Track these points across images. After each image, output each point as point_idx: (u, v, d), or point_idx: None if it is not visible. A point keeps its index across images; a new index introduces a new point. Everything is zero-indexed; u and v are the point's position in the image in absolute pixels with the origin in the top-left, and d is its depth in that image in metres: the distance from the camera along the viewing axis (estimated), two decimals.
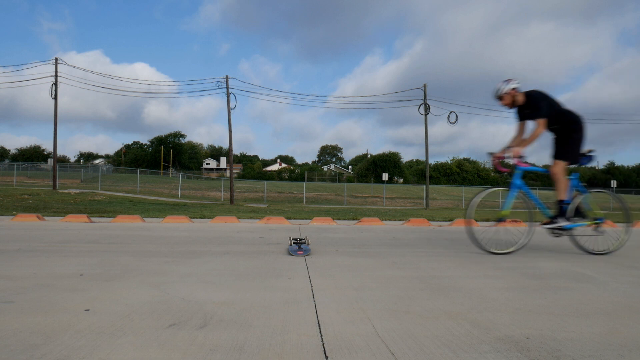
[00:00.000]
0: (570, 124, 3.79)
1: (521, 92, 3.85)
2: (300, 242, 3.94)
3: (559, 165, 3.73)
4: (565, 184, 3.74)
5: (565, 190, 3.74)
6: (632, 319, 1.81)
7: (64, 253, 3.41)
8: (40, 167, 52.80)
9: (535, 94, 3.79)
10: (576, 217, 3.85)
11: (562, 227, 3.78)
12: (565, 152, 3.78)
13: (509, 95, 3.84)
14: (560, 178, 3.72)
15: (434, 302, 2.04)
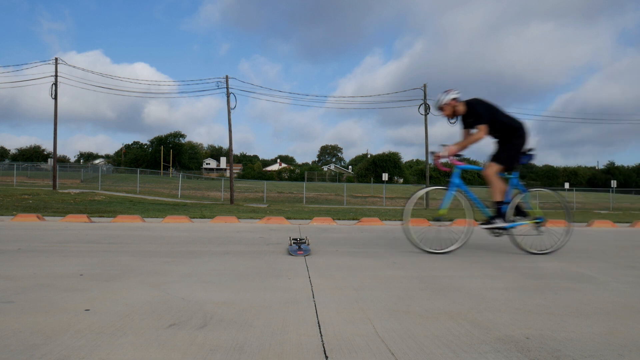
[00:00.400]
0: (511, 130, 3.81)
1: (462, 102, 3.88)
2: (300, 242, 3.94)
3: (492, 168, 3.75)
4: (499, 186, 3.75)
5: (500, 192, 3.75)
6: (632, 319, 1.81)
7: (64, 253, 3.41)
8: (40, 167, 52.81)
9: (475, 103, 3.83)
10: (517, 217, 3.85)
11: (501, 227, 3.78)
12: (502, 156, 3.80)
13: (449, 106, 3.87)
14: (493, 180, 3.74)
15: (434, 302, 2.04)
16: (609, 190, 38.33)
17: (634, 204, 34.74)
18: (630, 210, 28.42)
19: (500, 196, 3.76)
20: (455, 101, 3.86)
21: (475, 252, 3.98)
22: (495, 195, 3.77)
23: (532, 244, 3.90)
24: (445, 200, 3.87)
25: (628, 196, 45.14)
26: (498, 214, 3.78)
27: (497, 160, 3.79)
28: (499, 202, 3.77)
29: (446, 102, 3.87)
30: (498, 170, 3.76)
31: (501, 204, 3.77)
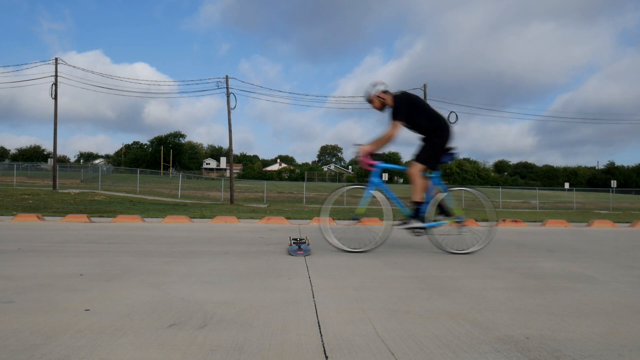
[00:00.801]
0: (433, 129, 3.76)
1: (390, 95, 3.82)
2: (300, 242, 3.94)
3: (415, 167, 3.70)
4: (420, 186, 3.69)
5: (419, 192, 3.70)
6: (632, 319, 1.81)
7: (64, 253, 3.41)
8: (40, 167, 52.81)
9: (399, 97, 3.78)
10: (439, 216, 3.81)
11: (419, 227, 3.73)
12: (423, 155, 3.75)
13: (378, 99, 3.83)
14: (415, 180, 3.69)
15: (434, 302, 2.04)
16: (609, 190, 38.36)
17: (634, 204, 34.74)
18: (630, 210, 28.43)
19: (419, 196, 3.70)
20: (384, 94, 3.82)
21: (476, 252, 3.98)
22: (415, 195, 3.71)
23: (453, 244, 3.85)
24: (364, 199, 3.84)
25: (628, 196, 45.15)
26: (416, 214, 3.72)
27: (419, 159, 3.73)
28: (417, 202, 3.71)
29: (374, 94, 3.82)
30: (421, 169, 3.71)
31: (420, 204, 3.72)
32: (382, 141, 3.71)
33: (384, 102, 3.82)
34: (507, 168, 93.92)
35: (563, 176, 72.45)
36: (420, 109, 3.77)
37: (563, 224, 8.62)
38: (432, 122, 3.77)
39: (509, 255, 3.80)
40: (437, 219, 3.80)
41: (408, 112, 3.70)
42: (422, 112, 3.76)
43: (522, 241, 5.12)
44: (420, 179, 3.70)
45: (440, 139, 3.76)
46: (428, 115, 3.77)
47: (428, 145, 3.77)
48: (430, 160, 3.75)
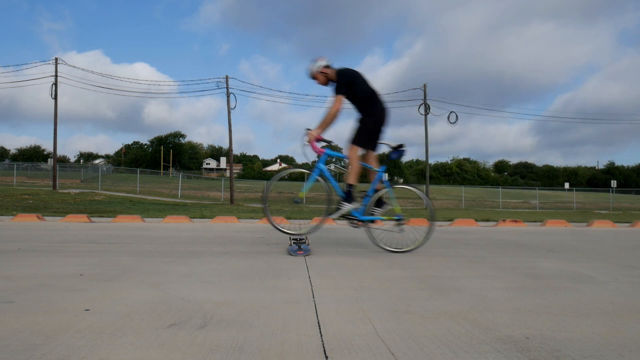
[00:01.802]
0: (368, 108, 3.73)
1: (333, 69, 3.79)
2: (300, 242, 3.94)
3: (353, 151, 3.67)
4: (356, 169, 3.64)
5: (354, 176, 3.65)
6: (632, 319, 1.81)
7: (64, 253, 3.41)
8: (40, 167, 52.80)
9: (341, 70, 3.75)
10: (378, 210, 3.79)
11: (358, 219, 3.69)
12: (356, 137, 3.70)
13: (321, 74, 3.81)
14: (353, 163, 3.65)
15: (434, 302, 2.04)
16: (609, 190, 38.36)
17: (634, 204, 34.74)
18: (630, 210, 28.44)
19: (353, 179, 3.65)
20: (327, 68, 3.80)
21: (475, 251, 3.98)
22: (349, 178, 3.66)
23: (390, 241, 3.84)
24: (307, 184, 3.82)
25: (628, 196, 45.15)
26: (347, 195, 3.67)
27: (355, 141, 3.69)
28: (351, 184, 3.66)
29: (317, 70, 3.81)
30: (357, 152, 3.67)
31: (352, 187, 3.66)
32: (327, 119, 3.64)
33: (328, 77, 3.81)
34: (507, 168, 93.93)
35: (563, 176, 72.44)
36: (361, 84, 3.74)
37: (563, 224, 8.62)
38: (369, 100, 3.74)
39: (509, 255, 3.80)
40: (375, 213, 3.78)
41: (349, 86, 3.68)
42: (362, 88, 3.73)
43: (522, 241, 5.12)
44: (357, 162, 3.66)
45: (374, 117, 3.72)
46: (367, 92, 3.74)
47: (362, 126, 3.75)
48: (365, 140, 3.71)
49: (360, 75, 3.79)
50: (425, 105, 24.30)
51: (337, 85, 3.68)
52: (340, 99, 3.64)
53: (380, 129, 3.75)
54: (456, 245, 4.56)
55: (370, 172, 3.82)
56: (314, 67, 3.83)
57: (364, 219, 3.73)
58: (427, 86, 24.52)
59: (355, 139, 3.71)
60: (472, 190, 40.17)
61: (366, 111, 3.76)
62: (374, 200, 3.76)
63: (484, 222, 9.26)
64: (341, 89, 3.66)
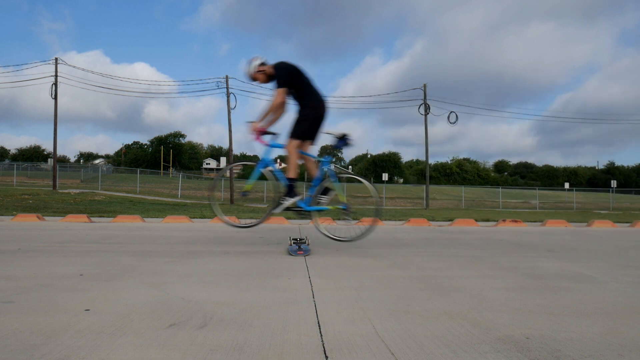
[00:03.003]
0: (307, 101, 3.72)
1: (270, 65, 3.78)
2: (300, 242, 3.94)
3: (290, 144, 3.64)
4: (294, 162, 3.63)
5: (294, 169, 3.64)
6: (632, 319, 1.81)
7: (64, 253, 3.41)
8: (40, 167, 52.80)
9: (279, 64, 3.73)
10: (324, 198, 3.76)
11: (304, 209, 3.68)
12: (294, 129, 3.68)
13: (260, 74, 3.80)
14: (290, 156, 3.63)
15: (434, 302, 2.04)
16: (609, 190, 38.36)
17: (634, 204, 34.74)
18: (630, 210, 28.43)
19: (293, 172, 3.65)
20: (264, 66, 3.79)
21: (475, 251, 3.98)
22: (289, 172, 3.66)
23: (335, 230, 3.85)
24: (252, 176, 3.80)
25: (628, 196, 45.15)
26: (289, 190, 3.67)
27: (292, 134, 3.68)
28: (291, 178, 3.66)
29: (254, 70, 3.79)
30: (296, 145, 3.65)
31: (293, 180, 3.66)
32: (269, 112, 3.65)
33: (267, 74, 3.79)
34: (507, 168, 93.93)
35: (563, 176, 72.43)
36: (299, 76, 3.73)
37: (563, 224, 8.62)
38: (308, 93, 3.73)
39: (509, 255, 3.80)
40: (321, 202, 3.75)
41: (289, 78, 3.67)
42: (300, 80, 3.72)
43: (522, 241, 5.12)
44: (294, 155, 3.65)
45: (311, 110, 3.71)
46: (305, 85, 3.74)
47: (299, 118, 3.73)
48: (301, 132, 3.69)
49: (298, 68, 3.78)
50: (425, 105, 24.31)
51: (278, 78, 3.66)
52: (282, 92, 3.63)
53: (319, 122, 3.72)
54: (456, 245, 4.56)
55: (314, 162, 3.80)
56: (251, 68, 3.81)
57: (310, 209, 3.71)
58: (427, 86, 24.53)
59: (292, 131, 3.69)
60: (472, 190, 40.17)
61: (305, 104, 3.74)
62: (319, 190, 3.74)
63: (484, 222, 9.26)
64: (282, 81, 3.65)
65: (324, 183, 3.74)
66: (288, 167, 3.66)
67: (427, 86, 24.53)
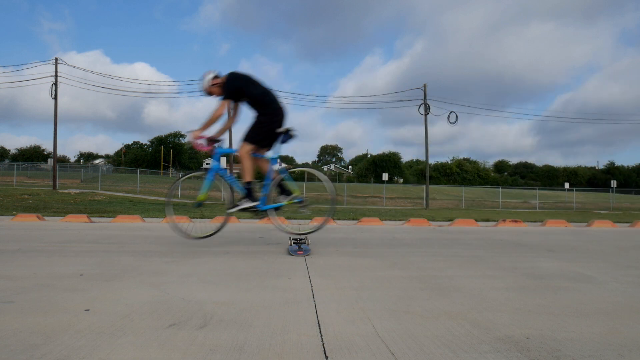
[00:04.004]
0: (262, 108, 3.73)
1: (223, 77, 3.79)
2: (300, 242, 3.94)
3: (243, 148, 3.66)
4: (248, 166, 3.65)
5: (249, 172, 3.67)
6: (632, 319, 1.81)
7: (64, 253, 3.41)
8: (40, 167, 52.79)
9: (227, 76, 3.74)
10: (280, 197, 3.79)
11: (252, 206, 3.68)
12: (248, 135, 3.70)
13: (215, 87, 3.80)
14: (243, 160, 3.66)
15: (434, 302, 2.04)
16: (609, 190, 38.34)
17: (634, 204, 34.74)
18: (630, 210, 28.44)
19: (249, 176, 3.67)
20: (217, 78, 3.80)
21: (475, 251, 3.98)
22: (245, 176, 3.68)
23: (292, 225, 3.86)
24: (205, 186, 3.83)
25: (628, 196, 45.15)
26: (248, 194, 3.69)
27: (246, 139, 3.69)
28: (248, 182, 3.68)
29: (209, 84, 3.80)
30: (249, 150, 3.67)
31: (250, 184, 3.69)
32: (209, 122, 3.67)
33: (221, 86, 3.79)
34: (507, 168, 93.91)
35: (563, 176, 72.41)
36: (250, 85, 3.74)
37: (563, 224, 8.62)
38: (262, 101, 3.74)
39: (509, 255, 3.80)
40: (278, 200, 3.77)
41: (235, 90, 3.68)
42: (251, 89, 3.73)
43: (522, 241, 5.12)
44: (247, 159, 3.67)
45: (266, 117, 3.71)
46: (257, 93, 3.74)
47: (254, 124, 3.74)
48: (258, 139, 3.70)
49: (250, 77, 3.80)
50: (425, 105, 24.32)
51: (223, 90, 3.69)
52: (224, 104, 3.66)
53: (274, 129, 3.71)
54: (456, 245, 4.56)
55: (266, 161, 3.81)
56: (205, 83, 3.82)
57: (266, 208, 3.73)
58: (427, 86, 24.53)
59: (246, 136, 3.71)
60: (472, 190, 40.16)
61: (260, 111, 3.76)
62: (272, 187, 3.76)
63: (484, 222, 9.26)
64: (227, 94, 3.68)
65: (276, 180, 3.77)
66: (242, 171, 3.69)
67: (427, 86, 24.54)
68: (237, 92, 3.69)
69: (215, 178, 3.82)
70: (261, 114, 3.73)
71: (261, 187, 3.75)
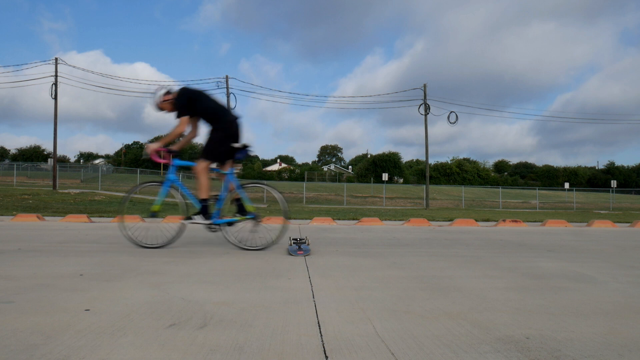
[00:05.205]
0: (215, 123, 3.75)
1: (175, 92, 3.80)
2: (300, 242, 3.94)
3: (200, 164, 3.68)
4: (204, 183, 3.68)
5: (204, 189, 3.69)
6: (632, 319, 1.81)
7: (64, 253, 3.41)
8: (40, 167, 52.78)
9: (179, 93, 3.75)
10: (237, 213, 3.82)
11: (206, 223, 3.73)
12: (205, 151, 3.72)
13: (166, 103, 3.80)
14: (199, 177, 3.68)
15: (434, 302, 2.04)
16: (609, 190, 38.33)
17: (634, 204, 34.75)
18: (630, 210, 28.44)
19: (204, 193, 3.70)
20: (169, 95, 3.80)
21: (475, 251, 3.98)
22: (200, 192, 3.70)
23: (246, 240, 3.87)
24: (160, 196, 3.86)
25: (628, 196, 45.15)
26: (203, 211, 3.71)
27: (202, 156, 3.70)
28: (203, 199, 3.71)
29: (160, 100, 3.81)
30: (206, 166, 3.69)
31: (206, 201, 3.72)
32: (169, 138, 3.71)
33: (172, 103, 3.79)
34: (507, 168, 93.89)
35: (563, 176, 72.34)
36: (202, 101, 3.75)
37: (563, 224, 8.62)
38: (215, 116, 3.75)
39: (509, 255, 3.80)
40: (234, 215, 3.81)
41: (189, 106, 3.69)
42: (203, 105, 3.74)
43: (522, 241, 5.12)
44: (204, 176, 3.69)
45: (220, 132, 3.73)
46: (209, 108, 3.75)
47: (209, 140, 3.76)
48: (211, 155, 3.73)
49: (201, 93, 3.81)
50: (425, 105, 24.31)
51: (177, 108, 3.70)
52: (183, 121, 3.67)
53: (229, 143, 3.73)
54: (456, 245, 4.56)
55: (220, 176, 3.84)
56: (156, 98, 3.82)
57: (219, 222, 3.76)
58: (427, 86, 24.53)
59: (203, 152, 3.73)
60: (472, 190, 40.16)
61: (214, 126, 3.77)
62: (227, 202, 3.79)
63: (484, 222, 9.26)
64: (182, 111, 3.68)
65: (231, 195, 3.80)
66: (198, 188, 3.71)
67: (427, 86, 24.54)
68: (189, 107, 3.70)
69: (171, 189, 3.85)
70: (215, 128, 3.76)
71: (216, 202, 3.78)
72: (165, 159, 3.78)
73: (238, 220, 3.81)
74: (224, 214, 3.79)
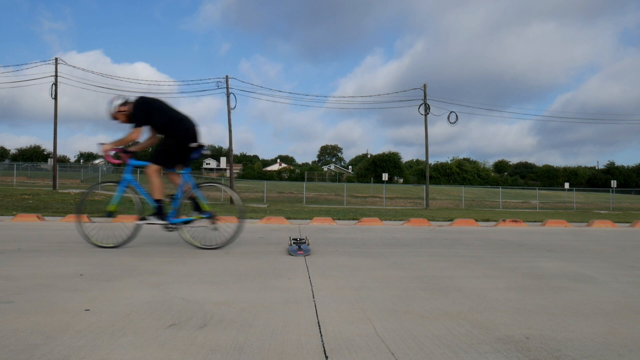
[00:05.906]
0: (169, 131, 3.78)
1: (131, 103, 3.80)
2: (300, 242, 3.94)
3: (150, 167, 3.72)
4: (157, 184, 3.73)
5: (157, 191, 3.74)
6: (632, 319, 1.81)
7: (64, 253, 3.41)
8: (40, 167, 52.78)
9: (135, 103, 3.76)
10: (193, 212, 3.84)
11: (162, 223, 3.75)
12: (156, 157, 3.75)
13: (121, 113, 3.81)
14: (151, 179, 3.72)
15: (434, 302, 2.04)
16: (609, 190, 38.32)
17: (634, 204, 34.75)
18: (630, 210, 28.44)
19: (158, 194, 3.75)
20: (125, 105, 3.81)
21: (475, 251, 3.98)
22: (154, 194, 3.75)
23: (202, 239, 3.88)
24: (116, 196, 3.87)
25: (628, 196, 45.14)
26: (157, 211, 3.75)
27: (153, 161, 3.74)
28: (158, 199, 3.76)
29: (116, 111, 3.81)
30: (157, 169, 3.74)
31: (161, 202, 3.76)
32: (121, 142, 3.74)
33: (127, 114, 3.80)
34: (507, 168, 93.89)
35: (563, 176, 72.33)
36: (158, 111, 3.78)
37: (563, 224, 8.62)
38: (171, 124, 3.78)
39: (509, 255, 3.80)
40: (190, 214, 3.83)
41: (144, 117, 3.73)
42: (159, 114, 3.77)
43: (522, 241, 5.12)
44: (156, 177, 3.73)
45: (174, 139, 3.77)
46: (165, 117, 3.77)
47: (161, 147, 3.80)
48: (164, 160, 3.78)
49: (158, 102, 3.84)
50: (425, 105, 24.30)
51: (134, 118, 3.72)
52: (138, 131, 3.71)
53: (182, 150, 3.77)
54: (456, 245, 4.56)
55: (175, 175, 3.86)
56: (111, 108, 3.83)
57: (175, 221, 3.79)
58: (427, 86, 24.52)
59: (154, 158, 3.76)
60: (472, 190, 40.16)
61: (168, 134, 3.80)
62: (183, 201, 3.82)
63: (484, 222, 9.27)
64: (137, 122, 3.71)
65: (187, 194, 3.83)
66: (151, 189, 3.75)
67: (427, 86, 24.53)
68: (144, 120, 3.74)
69: (127, 189, 3.87)
70: (169, 136, 3.79)
71: (171, 202, 3.80)
72: (121, 159, 3.80)
73: (194, 219, 3.83)
74: (180, 213, 3.81)
